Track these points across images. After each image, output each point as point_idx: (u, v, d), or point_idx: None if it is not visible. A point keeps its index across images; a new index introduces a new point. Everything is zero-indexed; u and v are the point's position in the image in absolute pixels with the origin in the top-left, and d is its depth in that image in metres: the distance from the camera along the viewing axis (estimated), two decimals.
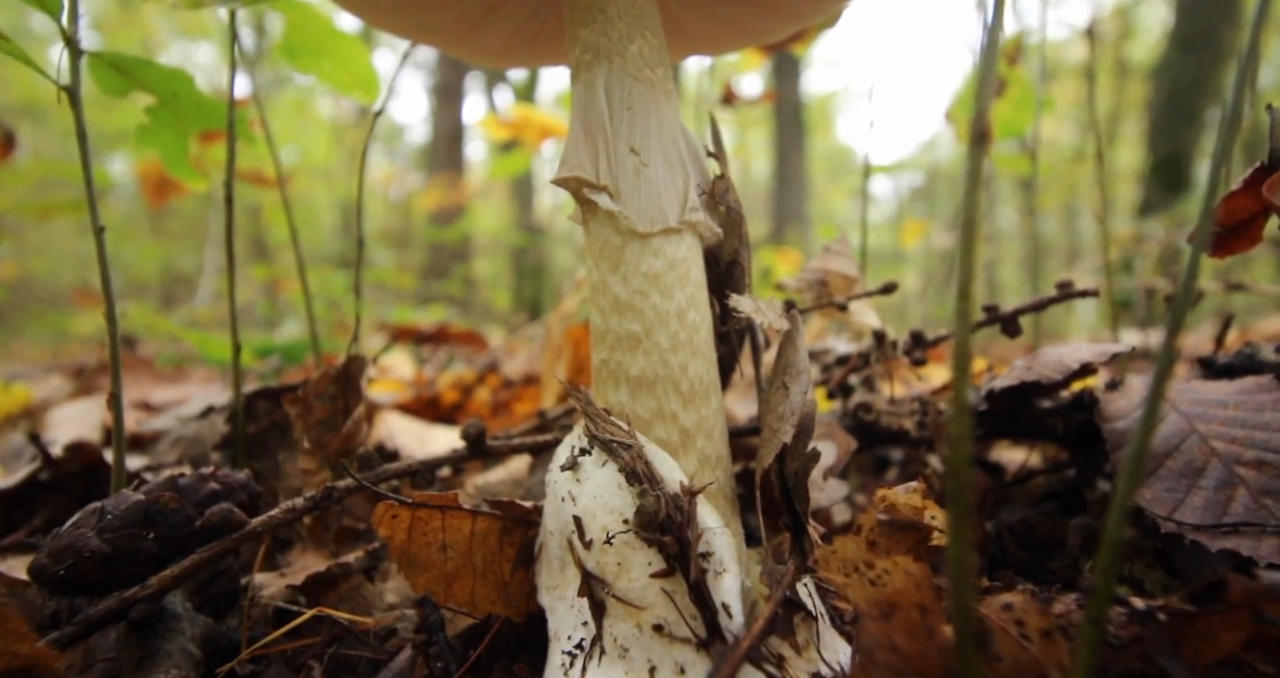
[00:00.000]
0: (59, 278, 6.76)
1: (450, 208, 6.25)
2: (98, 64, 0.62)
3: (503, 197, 8.09)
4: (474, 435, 0.59)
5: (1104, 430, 0.58)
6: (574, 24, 0.49)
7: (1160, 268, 2.32)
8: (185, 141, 0.77)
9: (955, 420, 0.22)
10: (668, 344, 0.47)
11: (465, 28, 0.60)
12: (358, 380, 0.71)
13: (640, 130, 0.48)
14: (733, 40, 0.66)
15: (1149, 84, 6.67)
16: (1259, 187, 0.52)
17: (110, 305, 0.52)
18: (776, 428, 0.47)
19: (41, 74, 0.55)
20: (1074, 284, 0.62)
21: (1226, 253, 0.56)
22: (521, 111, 1.30)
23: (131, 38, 6.25)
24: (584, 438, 0.46)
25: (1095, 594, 0.27)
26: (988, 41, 0.27)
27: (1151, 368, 0.29)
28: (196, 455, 0.72)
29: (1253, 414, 0.54)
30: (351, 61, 0.84)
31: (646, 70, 0.49)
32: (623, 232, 0.48)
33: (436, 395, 1.14)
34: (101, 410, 0.98)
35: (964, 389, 0.22)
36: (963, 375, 0.22)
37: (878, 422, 0.68)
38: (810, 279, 0.75)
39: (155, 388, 1.32)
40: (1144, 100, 7.22)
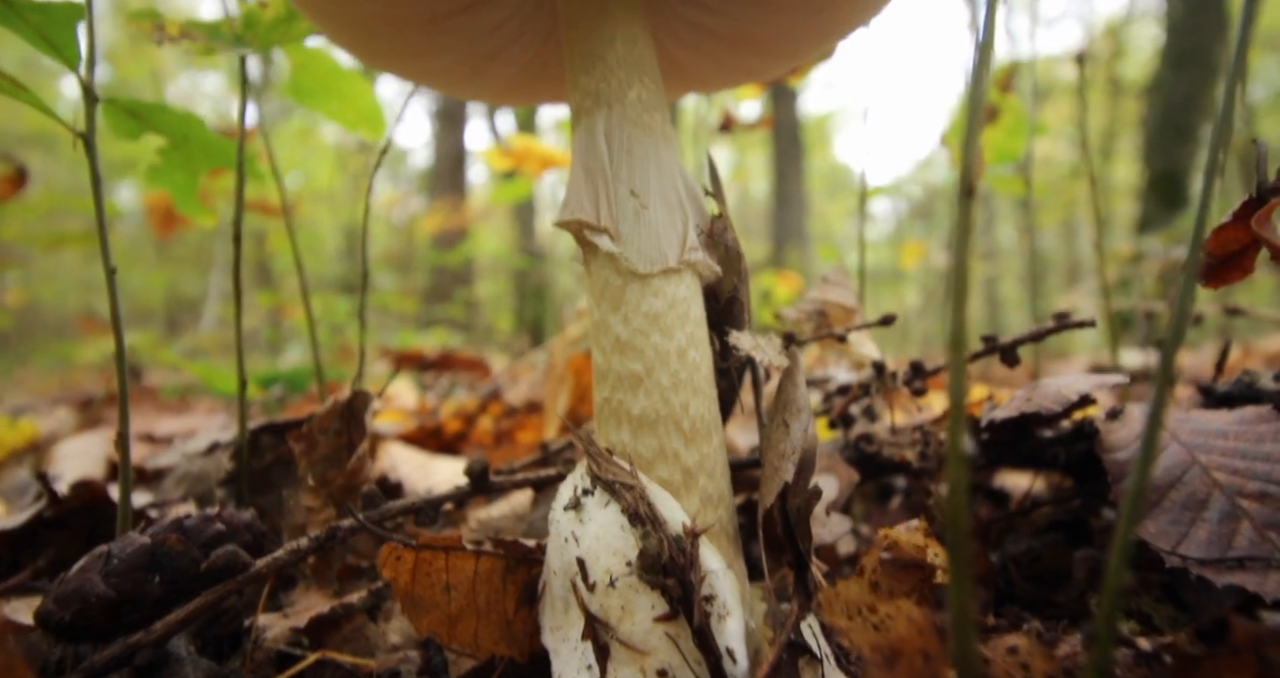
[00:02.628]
0: (65, 304, 6.81)
1: (452, 231, 6.30)
2: (112, 109, 0.64)
3: (504, 219, 8.15)
4: (477, 472, 0.59)
5: (1105, 461, 0.58)
6: (574, 71, 0.50)
7: (1161, 285, 2.32)
8: (195, 180, 0.78)
9: (951, 499, 0.22)
10: (669, 383, 0.48)
11: (467, 72, 0.61)
12: (362, 416, 0.71)
13: (640, 173, 0.49)
14: (729, 79, 0.68)
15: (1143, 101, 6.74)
16: (1248, 219, 0.52)
17: (120, 347, 0.53)
18: (778, 466, 0.47)
19: (58, 121, 0.57)
20: (1071, 315, 0.63)
21: (1219, 283, 0.56)
22: (523, 143, 1.32)
23: (140, 69, 6.35)
24: (586, 478, 0.47)
25: (1099, 640, 0.27)
26: (973, 94, 0.28)
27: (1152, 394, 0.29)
28: (201, 492, 0.72)
29: (1253, 445, 0.54)
30: (357, 99, 0.86)
31: (645, 115, 0.50)
32: (623, 272, 0.49)
33: (439, 425, 1.14)
34: (106, 444, 0.98)
35: (960, 469, 0.23)
36: (958, 462, 0.22)
37: (879, 453, 0.68)
38: (809, 310, 0.75)
39: (160, 419, 1.32)
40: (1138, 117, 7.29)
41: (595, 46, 0.49)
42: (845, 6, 0.55)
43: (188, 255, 7.21)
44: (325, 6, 0.52)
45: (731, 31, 0.59)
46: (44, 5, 0.49)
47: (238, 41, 0.65)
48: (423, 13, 0.53)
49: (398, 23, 0.54)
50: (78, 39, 0.52)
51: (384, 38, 0.56)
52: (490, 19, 0.56)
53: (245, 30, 0.63)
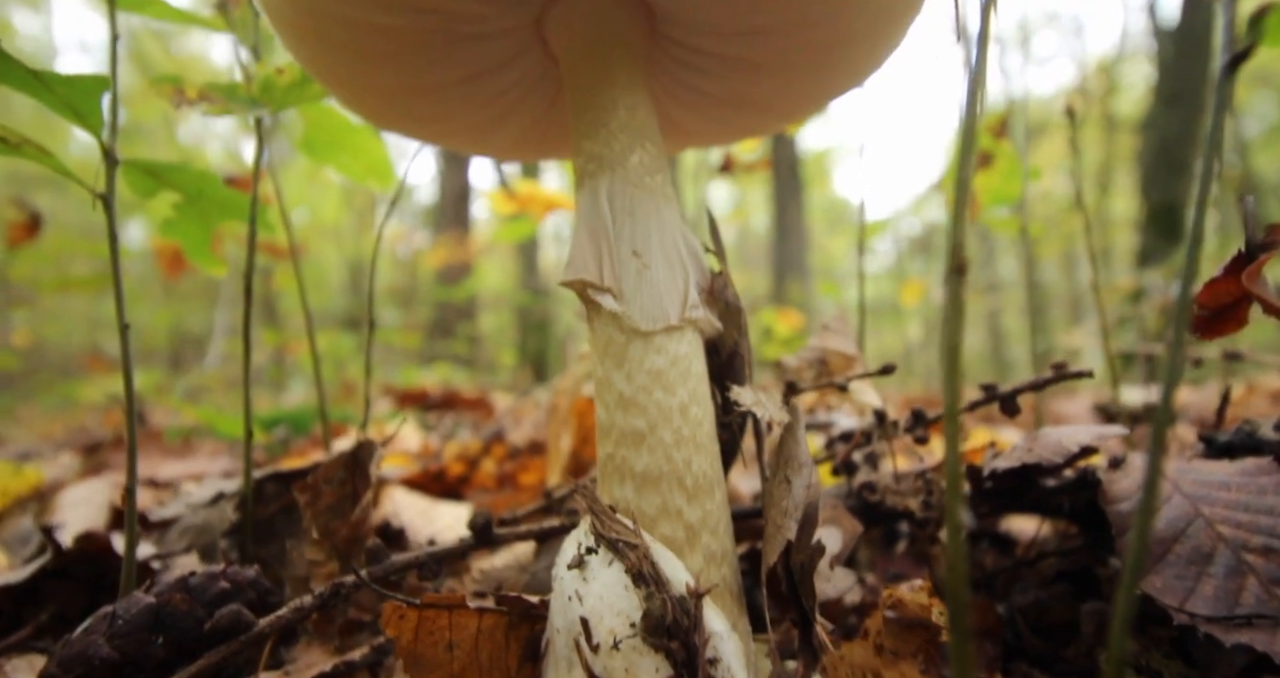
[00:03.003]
0: (71, 342, 6.85)
1: (457, 266, 6.37)
2: (131, 170, 0.66)
3: (508, 253, 8.24)
4: (480, 526, 0.60)
5: (1108, 513, 0.58)
6: (579, 136, 0.52)
7: (1162, 322, 2.33)
8: (208, 233, 0.80)
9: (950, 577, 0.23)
10: (671, 440, 0.49)
11: (475, 133, 0.63)
12: (367, 465, 0.72)
13: (642, 234, 0.51)
14: (728, 136, 0.70)
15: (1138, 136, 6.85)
16: (1239, 273, 0.53)
17: (130, 408, 0.54)
18: (780, 523, 0.47)
19: (80, 183, 0.59)
20: (1069, 365, 0.64)
21: (1214, 335, 0.57)
22: (527, 188, 1.35)
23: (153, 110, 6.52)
24: (590, 536, 0.47)
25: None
26: (960, 175, 0.29)
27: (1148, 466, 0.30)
28: (206, 544, 0.72)
29: (1256, 498, 0.55)
30: (367, 154, 0.88)
31: (647, 178, 0.51)
32: (626, 330, 0.50)
33: (443, 469, 1.14)
34: (110, 491, 0.98)
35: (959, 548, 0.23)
36: (956, 537, 0.23)
37: (883, 502, 0.68)
38: (809, 357, 0.76)
39: (163, 463, 1.32)
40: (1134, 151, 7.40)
41: (599, 114, 0.51)
42: (838, 71, 0.58)
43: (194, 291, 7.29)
44: (339, 77, 0.54)
45: (729, 94, 0.61)
46: (71, 78, 0.51)
47: (254, 104, 0.68)
48: (431, 81, 0.55)
49: (407, 90, 0.56)
50: (102, 108, 0.54)
51: (395, 103, 0.58)
52: (495, 86, 0.58)
53: (262, 94, 0.66)
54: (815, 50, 0.54)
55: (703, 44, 0.56)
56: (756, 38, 0.54)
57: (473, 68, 0.55)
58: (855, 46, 0.55)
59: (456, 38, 0.52)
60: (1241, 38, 0.31)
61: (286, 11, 0.49)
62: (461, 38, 0.52)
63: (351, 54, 0.53)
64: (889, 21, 0.53)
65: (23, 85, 0.51)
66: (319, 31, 0.51)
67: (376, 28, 0.50)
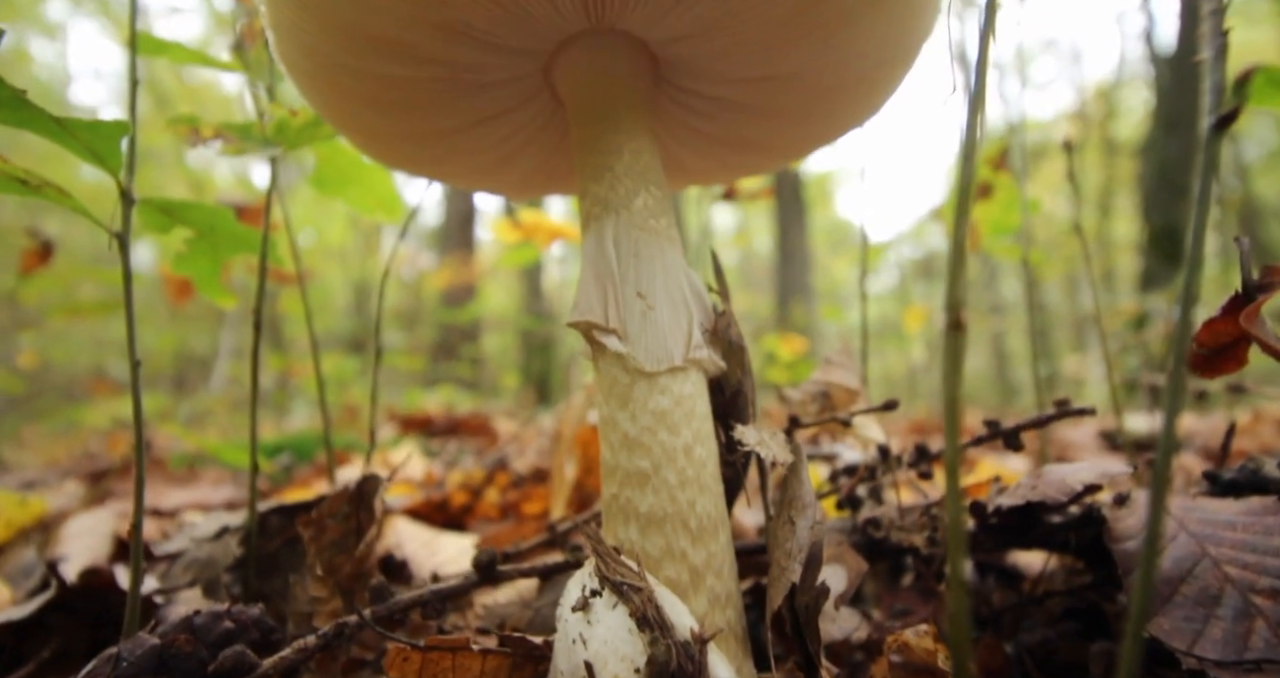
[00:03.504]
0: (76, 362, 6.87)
1: (461, 287, 6.40)
2: (147, 208, 0.67)
3: (512, 275, 8.28)
4: (485, 563, 0.60)
5: (1114, 551, 0.58)
6: (584, 179, 0.53)
7: (1167, 347, 2.33)
8: (219, 267, 0.81)
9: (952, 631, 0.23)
10: (675, 481, 0.49)
11: (483, 174, 0.64)
12: (371, 500, 0.72)
13: (646, 276, 0.51)
14: (731, 175, 0.71)
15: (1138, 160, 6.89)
16: (1237, 313, 0.54)
17: (140, 451, 0.54)
18: (785, 566, 0.47)
19: (96, 223, 0.60)
20: (1072, 401, 0.64)
21: (1214, 374, 0.57)
22: (532, 217, 1.37)
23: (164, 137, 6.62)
24: (594, 578, 0.47)
25: None
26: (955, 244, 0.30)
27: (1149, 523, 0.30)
28: (209, 578, 0.72)
29: (1262, 538, 0.54)
30: (376, 188, 0.90)
31: (651, 220, 0.52)
32: (631, 371, 0.50)
33: (446, 498, 1.14)
34: (114, 521, 0.98)
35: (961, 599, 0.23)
36: (959, 595, 0.23)
37: (887, 538, 0.68)
38: (813, 391, 0.76)
39: (167, 491, 1.32)
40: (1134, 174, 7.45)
41: (604, 158, 0.53)
42: (839, 115, 0.59)
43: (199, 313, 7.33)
44: (350, 122, 0.56)
45: (731, 136, 0.62)
46: (93, 124, 0.52)
47: (268, 144, 0.69)
48: (440, 126, 0.57)
49: (417, 135, 0.57)
50: (121, 151, 0.56)
51: (404, 146, 0.60)
52: (504, 129, 0.59)
53: (276, 135, 0.67)
54: (816, 96, 0.56)
55: (705, 90, 0.57)
56: (759, 85, 0.55)
57: (481, 113, 0.57)
58: (855, 93, 0.56)
59: (466, 86, 0.54)
60: (1227, 99, 0.32)
61: (301, 62, 0.51)
62: (470, 86, 0.54)
63: (363, 101, 0.54)
64: (888, 70, 0.54)
65: (47, 131, 0.52)
66: (332, 81, 0.52)
67: (387, 78, 0.51)
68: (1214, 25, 0.33)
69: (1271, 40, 7.43)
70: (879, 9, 0.47)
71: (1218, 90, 0.32)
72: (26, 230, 1.47)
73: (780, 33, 0.49)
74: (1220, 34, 0.33)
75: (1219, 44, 0.32)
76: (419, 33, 0.47)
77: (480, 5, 0.46)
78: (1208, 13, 0.33)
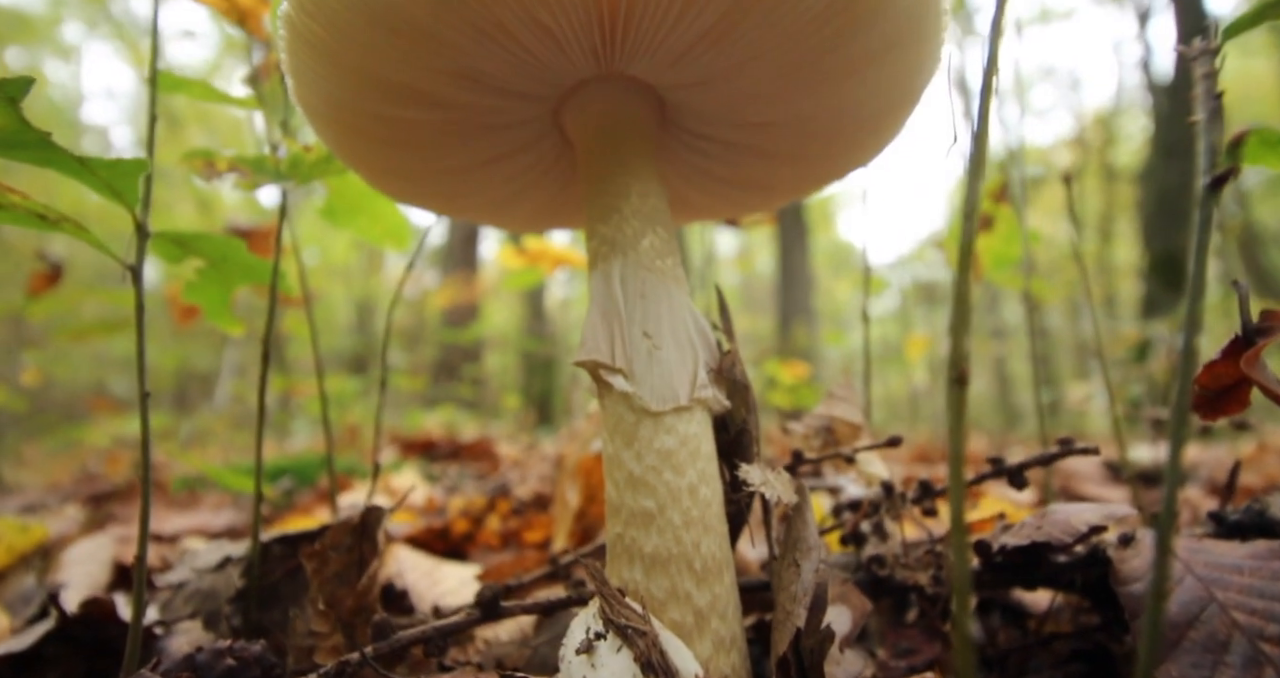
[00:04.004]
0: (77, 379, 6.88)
1: (463, 306, 6.42)
2: (161, 240, 0.68)
3: (514, 294, 8.31)
4: (488, 600, 0.59)
5: (1120, 594, 0.57)
6: (592, 220, 0.54)
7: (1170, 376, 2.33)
8: (229, 296, 0.82)
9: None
10: (680, 521, 0.49)
11: (493, 209, 0.65)
12: (374, 532, 0.72)
13: (653, 315, 0.52)
14: (735, 212, 0.72)
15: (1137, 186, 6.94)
16: (1238, 357, 0.54)
17: (146, 492, 0.55)
18: (790, 610, 0.47)
19: (112, 257, 0.61)
20: (1075, 441, 0.64)
21: (1216, 416, 0.57)
22: (537, 244, 1.39)
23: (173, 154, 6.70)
24: (599, 620, 0.47)
25: None
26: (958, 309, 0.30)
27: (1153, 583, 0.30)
28: (210, 610, 0.72)
29: (1270, 583, 0.54)
30: (385, 218, 0.91)
31: (658, 261, 0.53)
32: (636, 410, 0.51)
33: (447, 525, 1.13)
34: (114, 546, 0.98)
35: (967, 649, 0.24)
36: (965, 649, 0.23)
37: (892, 576, 0.68)
38: (816, 425, 0.77)
39: (168, 515, 1.32)
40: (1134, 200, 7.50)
41: (612, 199, 0.54)
42: (844, 157, 0.60)
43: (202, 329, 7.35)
44: (363, 160, 0.57)
45: (736, 176, 0.63)
46: (113, 163, 0.53)
47: (281, 177, 0.71)
48: (452, 165, 0.58)
49: (429, 173, 0.58)
50: (139, 188, 0.57)
51: (416, 183, 0.61)
52: (514, 167, 0.60)
53: (290, 169, 0.69)
54: (822, 140, 0.57)
55: (712, 133, 0.58)
56: (764, 129, 0.56)
57: (492, 153, 0.58)
58: (859, 137, 0.57)
59: (478, 127, 0.55)
60: (1221, 161, 0.33)
61: (317, 105, 0.52)
62: (482, 128, 0.55)
63: (376, 141, 0.55)
64: (891, 115, 0.55)
65: (69, 170, 0.53)
66: (346, 122, 0.53)
67: (401, 120, 0.52)
68: (1207, 87, 0.34)
69: (1268, 70, 7.53)
70: (883, 61, 0.49)
71: (1211, 152, 0.32)
72: (36, 253, 1.48)
73: (785, 82, 0.50)
74: (1214, 97, 0.34)
75: (1212, 107, 0.33)
76: (433, 80, 0.48)
77: (493, 54, 0.47)
78: (1200, 76, 0.34)
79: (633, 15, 0.45)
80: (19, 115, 0.45)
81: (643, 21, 0.46)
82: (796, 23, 0.45)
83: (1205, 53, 0.34)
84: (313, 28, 0.45)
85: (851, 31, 0.46)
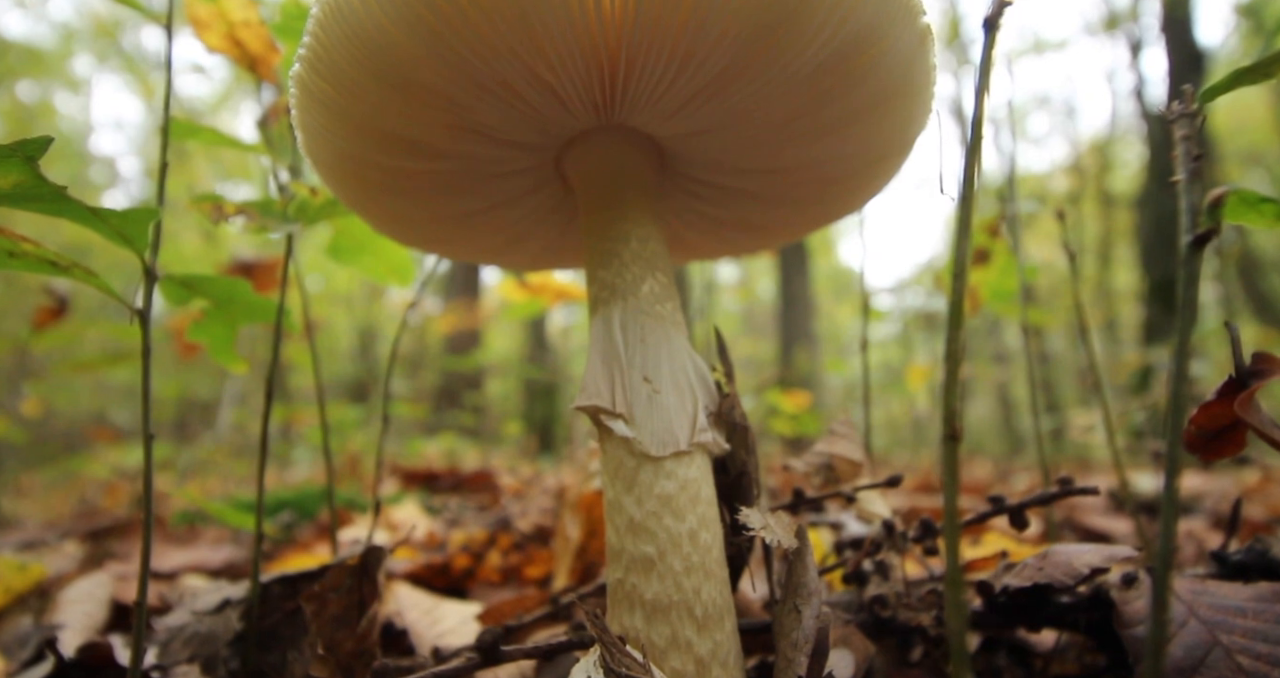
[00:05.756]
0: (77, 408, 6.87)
1: (465, 332, 6.43)
2: (168, 283, 0.70)
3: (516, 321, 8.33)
4: (489, 644, 0.59)
5: (1123, 637, 0.57)
6: (592, 265, 0.55)
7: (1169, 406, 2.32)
8: (234, 334, 0.83)
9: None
10: (681, 567, 0.49)
11: (495, 253, 0.67)
12: (375, 572, 0.72)
13: (653, 360, 0.53)
14: (731, 252, 0.73)
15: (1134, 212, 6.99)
16: (1232, 398, 0.55)
17: (146, 544, 0.55)
18: (791, 658, 0.47)
19: (120, 301, 0.62)
20: (1075, 481, 0.64)
21: (1214, 457, 0.57)
22: (540, 278, 1.40)
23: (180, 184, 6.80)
24: (599, 669, 0.46)
25: None
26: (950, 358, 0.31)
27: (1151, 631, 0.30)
28: (209, 654, 0.72)
29: (1273, 627, 0.54)
30: (389, 256, 0.92)
31: (657, 306, 0.54)
32: (637, 455, 0.51)
33: (448, 561, 1.13)
34: (113, 585, 0.98)
35: None
36: None
37: (894, 617, 0.67)
38: (816, 463, 0.77)
39: (167, 551, 1.31)
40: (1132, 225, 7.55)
41: (612, 245, 0.55)
42: (840, 202, 0.61)
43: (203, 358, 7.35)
44: (368, 207, 0.58)
45: (734, 219, 0.65)
46: (125, 212, 0.55)
47: (287, 220, 0.72)
48: (455, 211, 0.59)
49: (432, 219, 0.60)
50: (148, 235, 0.58)
51: (420, 229, 0.62)
52: (515, 212, 0.62)
53: (296, 213, 0.70)
54: (819, 186, 0.58)
55: (711, 179, 0.60)
56: (763, 176, 0.58)
57: (494, 199, 0.59)
58: (856, 182, 0.58)
59: (481, 176, 0.56)
60: (1203, 221, 0.34)
61: (325, 157, 0.53)
62: (486, 176, 0.56)
63: (380, 189, 0.57)
64: (888, 161, 0.57)
65: (82, 220, 0.54)
66: (352, 172, 0.55)
67: (405, 170, 0.54)
68: (1186, 149, 0.35)
69: (1260, 98, 7.64)
70: (874, 114, 0.50)
71: (1193, 211, 0.33)
72: (43, 287, 1.50)
73: (781, 133, 0.52)
74: (1194, 158, 0.35)
75: (1193, 168, 0.34)
76: (438, 133, 0.50)
77: (497, 109, 0.49)
78: (1180, 137, 0.35)
79: (632, 73, 0.47)
80: (36, 172, 0.47)
81: (642, 78, 0.48)
82: (789, 80, 0.46)
83: (1184, 115, 0.36)
84: (322, 86, 0.47)
85: (844, 88, 0.47)
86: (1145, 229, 5.84)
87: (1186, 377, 0.33)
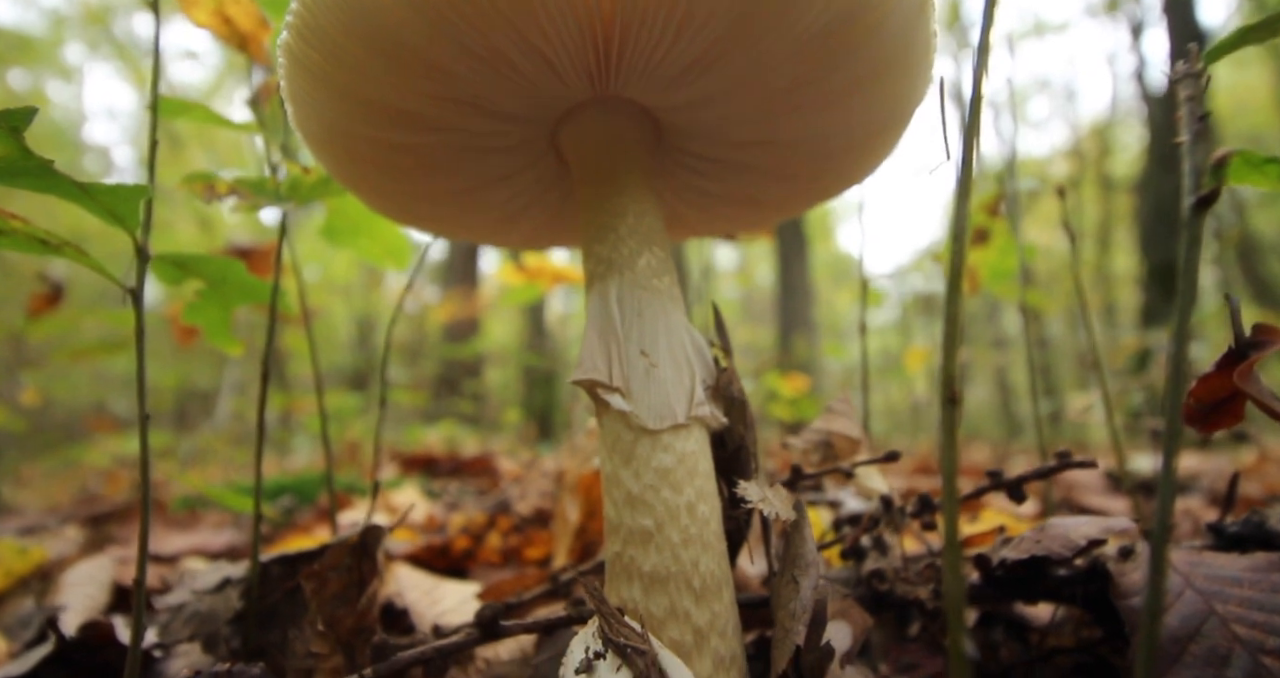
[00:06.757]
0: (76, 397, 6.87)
1: (464, 321, 6.42)
2: (161, 263, 0.69)
3: (515, 308, 8.31)
4: (488, 619, 0.59)
5: (1120, 608, 0.57)
6: (589, 240, 0.55)
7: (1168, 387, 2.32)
8: (229, 316, 0.83)
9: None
10: (679, 539, 0.49)
11: (491, 230, 0.66)
12: (374, 551, 0.72)
13: (649, 334, 0.52)
14: (728, 229, 0.73)
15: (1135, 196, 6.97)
16: (1231, 370, 0.55)
17: (144, 523, 0.55)
18: (789, 627, 0.47)
19: (112, 280, 0.61)
20: (1073, 454, 0.64)
21: (1212, 429, 0.57)
22: (536, 261, 1.40)
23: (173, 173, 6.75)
24: (598, 639, 0.47)
25: None
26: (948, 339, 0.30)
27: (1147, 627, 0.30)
28: (209, 632, 0.72)
29: (1269, 596, 0.54)
30: (385, 237, 0.92)
31: (654, 280, 0.54)
32: (634, 428, 0.51)
33: (447, 543, 1.13)
34: (114, 568, 0.98)
35: None
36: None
37: (892, 591, 0.67)
38: (815, 440, 0.77)
39: (168, 535, 1.32)
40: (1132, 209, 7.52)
41: (609, 219, 0.54)
42: (839, 175, 0.61)
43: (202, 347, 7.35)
44: (362, 183, 0.58)
45: (731, 194, 0.64)
46: (114, 188, 0.54)
47: (280, 199, 0.71)
48: (450, 188, 0.58)
49: (427, 196, 0.59)
50: (140, 212, 0.58)
51: (415, 205, 0.61)
52: (511, 189, 0.61)
53: (289, 191, 0.69)
54: (816, 159, 0.58)
55: (707, 152, 0.59)
56: (760, 148, 0.57)
57: (489, 175, 0.59)
58: (854, 155, 0.58)
59: (475, 150, 0.55)
60: (1206, 182, 0.33)
61: (315, 130, 0.53)
62: (478, 150, 0.56)
63: (373, 165, 0.56)
64: (886, 134, 0.56)
65: (70, 196, 0.54)
66: (344, 146, 0.54)
67: (398, 144, 0.53)
68: (1191, 110, 0.34)
69: (1262, 80, 7.59)
70: (873, 85, 0.49)
71: (1197, 172, 0.33)
72: (38, 274, 1.49)
73: (780, 103, 0.51)
74: (1198, 119, 0.34)
75: (1197, 128, 0.34)
76: (430, 104, 0.49)
77: (489, 78, 0.48)
78: (1184, 98, 0.34)
79: (627, 39, 0.46)
80: (21, 144, 0.46)
81: (637, 45, 0.47)
82: (790, 46, 0.46)
83: (1189, 75, 0.35)
84: (311, 55, 0.46)
85: (841, 57, 0.47)
86: (1145, 213, 5.82)
87: (1188, 338, 0.32)
